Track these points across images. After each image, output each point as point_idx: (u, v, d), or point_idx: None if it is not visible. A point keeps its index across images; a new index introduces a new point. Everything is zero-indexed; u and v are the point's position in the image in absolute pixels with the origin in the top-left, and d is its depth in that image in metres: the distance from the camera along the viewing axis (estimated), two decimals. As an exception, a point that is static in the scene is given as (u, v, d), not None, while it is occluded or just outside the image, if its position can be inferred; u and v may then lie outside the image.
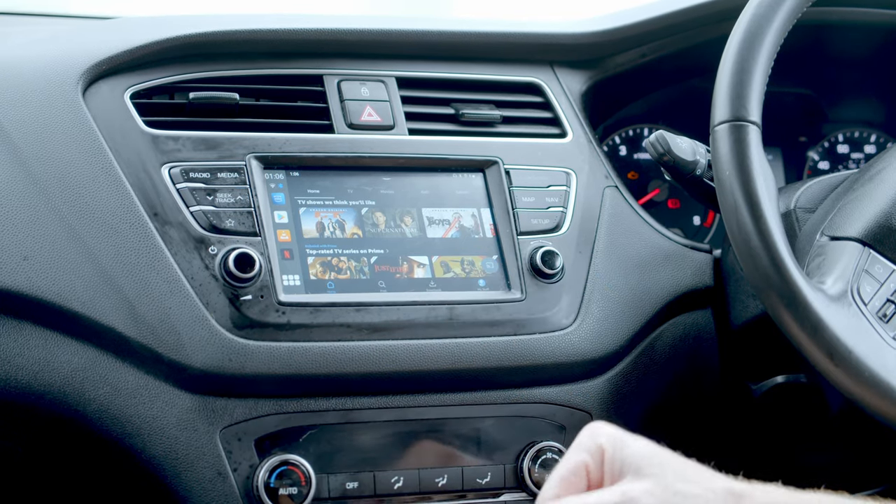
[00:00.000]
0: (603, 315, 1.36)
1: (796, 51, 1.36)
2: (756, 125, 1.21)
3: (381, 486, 1.27)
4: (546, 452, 1.31)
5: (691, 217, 1.73)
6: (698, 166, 1.40)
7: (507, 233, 1.35)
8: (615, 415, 1.35)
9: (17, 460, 1.33)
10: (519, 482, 1.31)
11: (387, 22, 1.44)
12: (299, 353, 1.23)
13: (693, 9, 1.56)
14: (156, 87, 1.32)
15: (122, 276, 1.21)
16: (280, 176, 1.30)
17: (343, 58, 1.40)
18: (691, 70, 1.63)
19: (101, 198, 1.23)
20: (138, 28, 1.36)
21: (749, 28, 1.23)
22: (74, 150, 1.25)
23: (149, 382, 1.22)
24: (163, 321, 1.20)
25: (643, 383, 1.40)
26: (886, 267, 1.25)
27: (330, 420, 1.27)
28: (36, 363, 1.21)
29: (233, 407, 1.23)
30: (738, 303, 1.41)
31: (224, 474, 1.23)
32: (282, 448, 1.25)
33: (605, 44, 1.54)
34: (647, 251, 1.43)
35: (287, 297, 1.24)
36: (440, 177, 1.37)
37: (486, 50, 1.47)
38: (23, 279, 1.20)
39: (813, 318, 1.16)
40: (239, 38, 1.36)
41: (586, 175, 1.43)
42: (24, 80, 1.29)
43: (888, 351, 1.19)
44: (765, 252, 1.17)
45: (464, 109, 1.42)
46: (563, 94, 1.49)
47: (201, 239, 1.23)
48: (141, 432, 1.22)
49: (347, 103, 1.37)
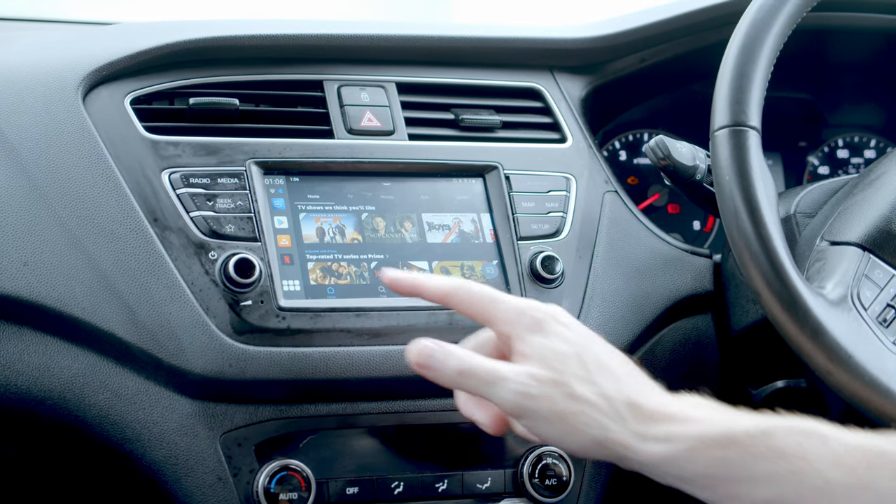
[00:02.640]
0: (603, 320, 1.36)
1: (796, 56, 1.36)
2: (756, 130, 1.21)
3: (381, 492, 1.27)
4: (546, 458, 1.31)
5: (691, 222, 1.73)
6: (698, 171, 1.40)
7: (507, 238, 1.35)
8: (615, 420, 1.35)
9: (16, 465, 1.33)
10: (519, 487, 1.31)
11: (386, 27, 1.44)
12: (299, 359, 1.23)
13: (692, 14, 1.56)
14: (156, 93, 1.32)
15: (122, 282, 1.21)
16: (280, 181, 1.30)
17: (343, 63, 1.40)
18: (691, 75, 1.64)
19: (102, 203, 1.23)
20: (138, 34, 1.37)
21: (749, 33, 1.23)
22: (75, 155, 1.25)
23: (149, 388, 1.22)
24: (163, 327, 1.20)
25: (643, 388, 1.40)
26: (886, 272, 1.25)
27: (330, 425, 1.27)
28: (36, 369, 1.21)
29: (233, 412, 1.23)
30: (738, 308, 1.41)
31: (224, 479, 1.23)
32: (282, 453, 1.24)
33: (605, 49, 1.54)
34: (647, 256, 1.43)
35: (287, 302, 1.24)
36: (440, 182, 1.37)
37: (485, 55, 1.48)
38: (23, 285, 1.20)
39: (813, 322, 1.16)
40: (239, 44, 1.36)
41: (586, 180, 1.43)
42: (24, 86, 1.29)
43: (888, 356, 1.19)
44: (765, 257, 1.17)
45: (464, 115, 1.42)
46: (562, 100, 1.49)
47: (201, 244, 1.23)
48: (141, 438, 1.22)
49: (347, 109, 1.37)
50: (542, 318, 1.08)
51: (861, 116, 1.84)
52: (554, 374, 1.04)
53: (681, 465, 1.00)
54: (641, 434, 1.02)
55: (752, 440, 0.97)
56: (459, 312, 1.12)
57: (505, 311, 1.09)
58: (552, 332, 1.07)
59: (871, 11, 1.60)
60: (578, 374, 1.05)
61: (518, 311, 1.09)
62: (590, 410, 1.03)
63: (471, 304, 1.11)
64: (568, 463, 1.31)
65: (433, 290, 1.13)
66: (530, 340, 1.07)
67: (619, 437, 1.02)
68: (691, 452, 0.99)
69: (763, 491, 0.96)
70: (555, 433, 1.05)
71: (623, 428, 1.02)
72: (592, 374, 1.05)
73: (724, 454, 0.98)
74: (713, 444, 0.99)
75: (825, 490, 0.94)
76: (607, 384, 1.04)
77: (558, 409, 1.03)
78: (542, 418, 1.04)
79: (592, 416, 1.03)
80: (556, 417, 1.03)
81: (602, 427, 1.03)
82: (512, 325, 1.08)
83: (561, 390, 1.04)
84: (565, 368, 1.05)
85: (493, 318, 1.10)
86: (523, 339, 1.07)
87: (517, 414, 1.06)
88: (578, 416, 1.03)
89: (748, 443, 0.97)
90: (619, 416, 1.03)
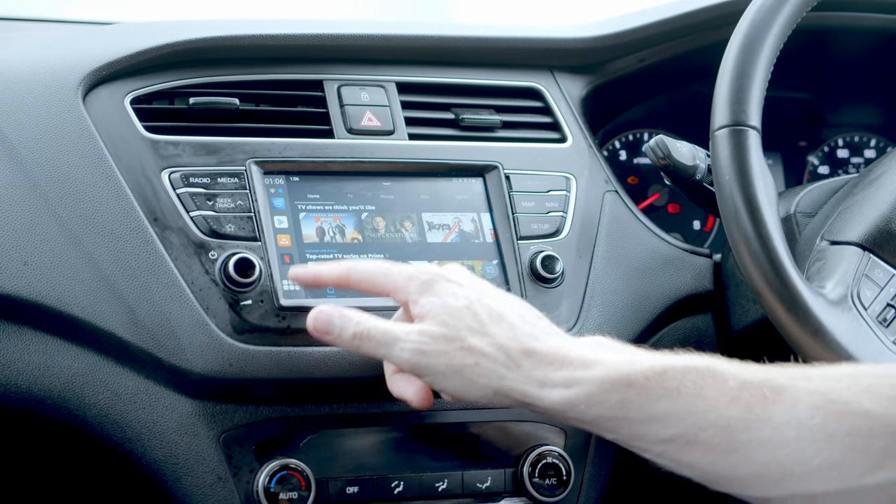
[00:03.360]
0: (603, 320, 1.36)
1: (796, 55, 1.36)
2: (756, 130, 1.21)
3: (381, 491, 1.27)
4: (546, 457, 1.31)
5: (691, 221, 1.73)
6: (698, 171, 1.41)
7: (507, 237, 1.35)
8: (615, 419, 1.35)
9: (15, 464, 1.33)
10: (519, 487, 1.31)
11: (386, 27, 1.44)
12: (299, 358, 1.23)
13: (692, 14, 1.56)
14: (156, 93, 1.32)
15: (122, 281, 1.21)
16: (280, 181, 1.30)
17: (343, 63, 1.40)
18: (691, 75, 1.64)
19: (102, 203, 1.23)
20: (138, 33, 1.37)
21: (749, 33, 1.23)
22: (75, 155, 1.25)
23: (149, 387, 1.22)
24: (163, 326, 1.20)
25: (643, 388, 1.40)
26: (886, 271, 1.25)
27: (330, 425, 1.27)
28: (36, 368, 1.21)
29: (233, 412, 1.24)
30: (739, 307, 1.41)
31: (224, 479, 1.23)
32: (282, 452, 1.24)
33: (605, 49, 1.55)
34: (647, 256, 1.43)
35: (287, 301, 1.24)
36: (440, 182, 1.37)
37: (485, 55, 1.48)
38: (23, 284, 1.20)
39: (813, 322, 1.16)
40: (239, 44, 1.36)
41: (586, 180, 1.43)
42: (24, 86, 1.29)
43: (888, 355, 1.19)
44: (765, 256, 1.17)
45: (464, 114, 1.42)
46: (562, 99, 1.49)
47: (201, 244, 1.23)
48: (141, 437, 1.22)
49: (347, 108, 1.37)
50: (431, 279, 1.13)
51: (861, 116, 1.84)
52: (446, 329, 1.08)
53: (581, 409, 1.02)
54: (540, 380, 1.05)
55: (649, 382, 0.99)
56: (360, 291, 1.17)
57: (395, 280, 1.14)
58: (442, 291, 1.11)
59: (870, 11, 1.60)
60: (472, 327, 1.08)
61: (408, 276, 1.13)
62: (484, 362, 1.06)
63: (366, 281, 1.16)
64: (568, 462, 1.31)
65: (330, 276, 1.19)
66: (422, 301, 1.11)
67: (518, 386, 1.05)
68: (591, 397, 1.02)
69: (663, 430, 0.98)
70: (454, 387, 1.08)
71: (520, 375, 1.05)
72: (485, 325, 1.08)
73: (623, 396, 1.00)
74: (611, 388, 1.01)
75: (722, 426, 0.96)
76: (502, 333, 1.08)
77: (454, 364, 1.07)
78: (439, 374, 1.08)
79: (488, 366, 1.06)
80: (452, 372, 1.07)
81: (500, 377, 1.06)
82: (405, 292, 1.13)
83: (455, 345, 1.08)
84: (458, 323, 1.08)
85: (388, 289, 1.15)
86: (416, 302, 1.12)
87: (416, 372, 1.10)
88: (474, 368, 1.07)
89: (645, 384, 0.99)
90: (516, 364, 1.06)
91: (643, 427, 1.00)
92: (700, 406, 0.97)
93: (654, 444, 1.00)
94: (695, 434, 0.97)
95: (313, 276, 1.21)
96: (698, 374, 0.98)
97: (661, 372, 1.00)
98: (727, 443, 0.95)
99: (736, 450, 0.95)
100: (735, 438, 0.95)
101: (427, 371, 1.10)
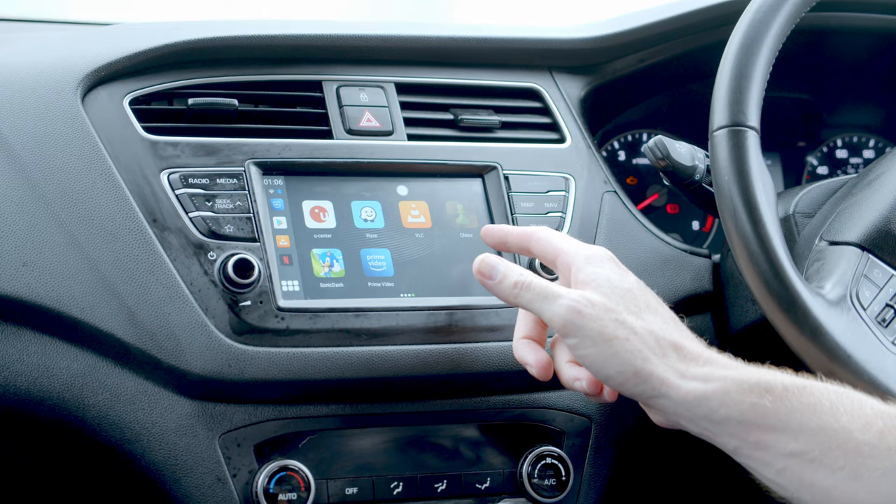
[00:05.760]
0: (602, 320, 1.36)
1: (795, 56, 1.36)
2: (755, 130, 1.21)
3: (381, 492, 1.27)
4: (545, 458, 1.31)
5: (690, 222, 1.73)
6: (697, 171, 1.40)
7: (507, 238, 1.35)
8: (615, 420, 1.35)
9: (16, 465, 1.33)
10: (518, 487, 1.31)
11: (385, 28, 1.44)
12: (298, 359, 1.23)
13: (691, 14, 1.56)
14: (155, 93, 1.32)
15: (121, 282, 1.21)
16: (279, 181, 1.30)
17: (342, 64, 1.40)
18: (690, 75, 1.63)
19: (101, 204, 1.23)
20: (137, 34, 1.37)
21: (748, 33, 1.23)
22: (73, 156, 1.25)
23: (148, 388, 1.22)
24: (162, 327, 1.20)
25: (642, 388, 1.40)
26: (885, 272, 1.25)
27: (329, 426, 1.27)
28: (35, 369, 1.21)
29: (232, 413, 1.24)
30: (737, 308, 1.41)
31: (223, 480, 1.23)
32: (281, 454, 1.24)
33: (604, 49, 1.54)
34: (645, 256, 1.43)
35: (286, 302, 1.24)
36: (439, 182, 1.37)
37: (484, 56, 1.48)
38: (22, 285, 1.20)
39: (812, 322, 1.16)
40: (238, 45, 1.36)
41: (585, 180, 1.43)
42: (23, 87, 1.29)
43: (887, 355, 1.19)
44: (764, 257, 1.17)
45: (463, 115, 1.42)
46: (561, 100, 1.49)
47: (200, 245, 1.23)
48: (140, 438, 1.22)
49: (346, 109, 1.37)
50: (599, 253, 1.16)
51: (860, 116, 1.84)
52: (607, 300, 1.10)
53: (714, 406, 1.03)
54: (681, 371, 1.05)
55: (787, 392, 1.00)
56: (535, 255, 1.23)
57: (568, 247, 1.18)
58: (608, 266, 1.14)
59: (870, 11, 1.60)
60: (630, 307, 1.10)
61: (580, 245, 1.18)
62: (635, 339, 1.07)
63: (546, 242, 1.20)
64: (567, 463, 1.31)
65: (513, 236, 1.25)
66: (588, 270, 1.14)
67: (660, 371, 1.06)
68: (727, 395, 1.02)
69: (791, 443, 0.98)
70: (597, 354, 1.08)
71: (663, 363, 1.06)
72: (642, 310, 1.10)
73: (759, 401, 1.00)
74: (749, 389, 1.01)
75: (852, 449, 0.96)
76: (655, 322, 1.09)
77: (606, 332, 1.07)
78: (588, 338, 1.08)
79: (637, 345, 1.07)
80: (602, 339, 1.08)
81: (645, 358, 1.06)
82: (573, 257, 1.16)
83: (611, 315, 1.09)
84: (619, 299, 1.10)
85: (560, 252, 1.18)
86: (581, 269, 1.14)
87: (566, 331, 1.09)
88: (624, 342, 1.07)
89: (783, 394, 1.00)
90: (663, 351, 1.07)
91: (773, 436, 1.00)
92: (834, 426, 0.97)
93: (779, 456, 0.99)
94: (822, 453, 0.97)
95: (501, 234, 1.26)
96: (836, 396, 0.99)
97: (801, 386, 1.01)
98: (854, 467, 0.95)
99: (861, 476, 0.95)
100: (862, 464, 0.95)
101: (578, 332, 1.09)
